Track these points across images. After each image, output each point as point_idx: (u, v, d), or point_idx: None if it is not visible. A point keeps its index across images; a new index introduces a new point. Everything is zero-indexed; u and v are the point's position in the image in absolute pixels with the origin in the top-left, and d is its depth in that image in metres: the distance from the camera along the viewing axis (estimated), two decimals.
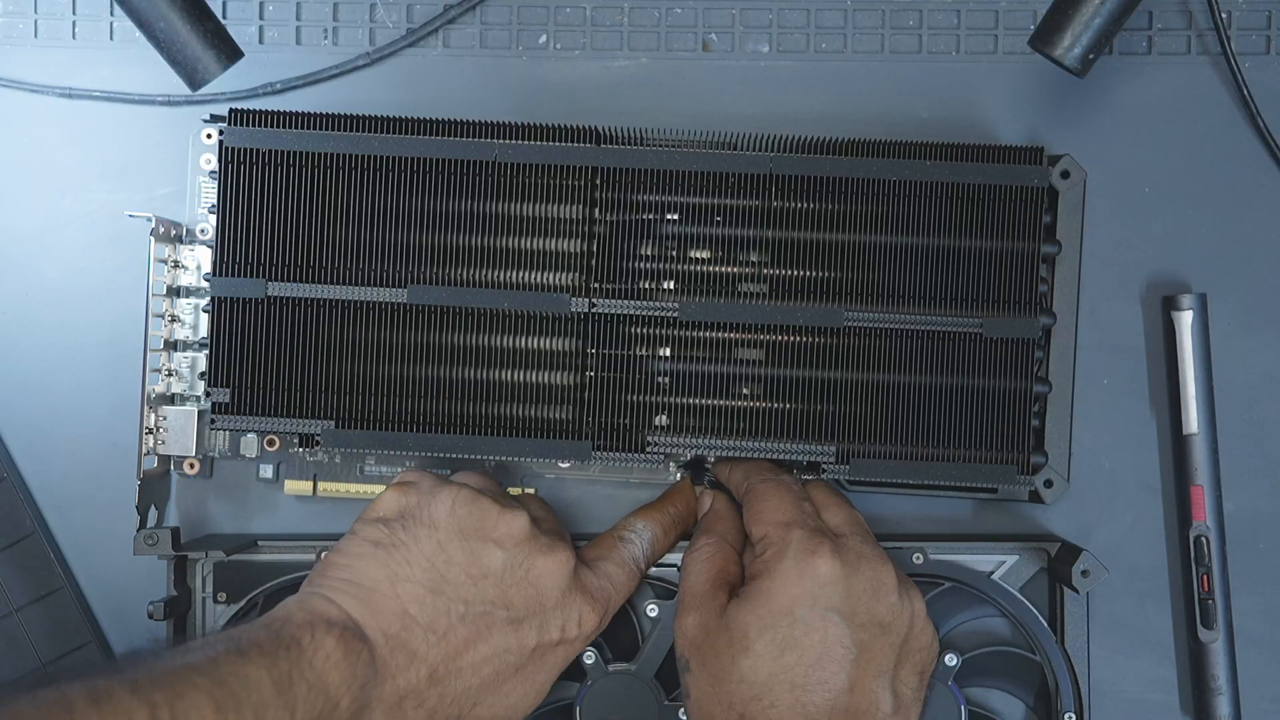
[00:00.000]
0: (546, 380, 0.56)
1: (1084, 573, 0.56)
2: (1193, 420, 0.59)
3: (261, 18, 0.62)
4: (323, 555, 0.53)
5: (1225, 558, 0.60)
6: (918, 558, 0.58)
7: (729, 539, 0.56)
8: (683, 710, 0.56)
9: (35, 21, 0.62)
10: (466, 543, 0.51)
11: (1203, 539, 0.59)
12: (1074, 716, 0.58)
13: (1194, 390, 0.59)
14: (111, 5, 0.62)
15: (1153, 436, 0.61)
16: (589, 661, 0.58)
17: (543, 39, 0.62)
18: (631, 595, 0.57)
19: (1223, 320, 0.61)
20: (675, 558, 0.58)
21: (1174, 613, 0.61)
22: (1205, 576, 0.59)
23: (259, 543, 0.59)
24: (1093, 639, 0.60)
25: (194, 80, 0.54)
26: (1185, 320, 0.59)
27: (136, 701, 0.40)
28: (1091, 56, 0.54)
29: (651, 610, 0.58)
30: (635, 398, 0.56)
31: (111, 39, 0.62)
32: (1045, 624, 0.58)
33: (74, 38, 0.62)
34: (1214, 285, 0.61)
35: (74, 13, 0.62)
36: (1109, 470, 0.61)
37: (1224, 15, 0.60)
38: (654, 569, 0.58)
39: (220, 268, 0.56)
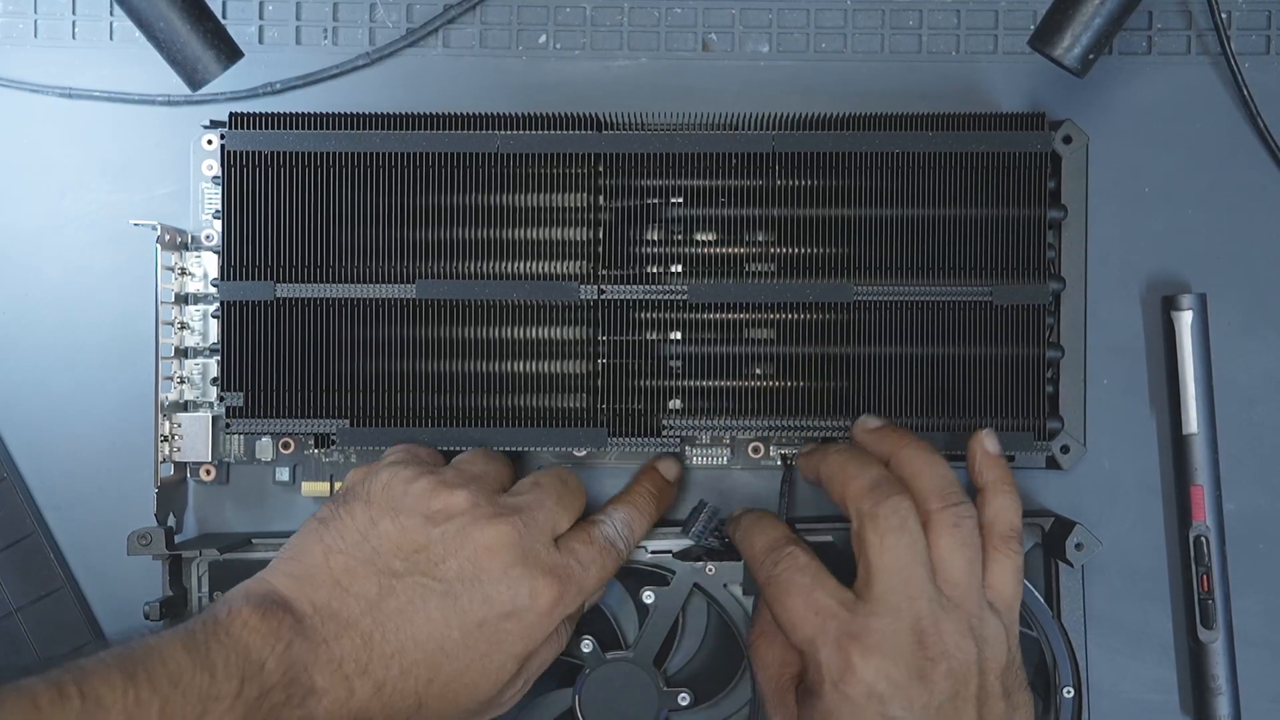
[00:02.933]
0: (559, 369, 0.57)
1: (1078, 546, 0.56)
2: (1193, 420, 0.59)
3: (261, 18, 0.62)
4: None
5: (1225, 558, 0.60)
6: None
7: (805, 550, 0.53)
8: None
9: (35, 21, 0.62)
10: (397, 518, 0.51)
11: (1203, 539, 0.59)
12: (1072, 690, 0.58)
13: (1194, 390, 0.59)
14: (111, 5, 0.62)
15: (1153, 436, 0.61)
16: (586, 650, 0.58)
17: (543, 39, 0.62)
18: (610, 572, 0.55)
19: (1223, 320, 0.61)
20: (670, 544, 0.58)
21: (1174, 613, 0.61)
22: (1205, 576, 0.59)
23: (253, 540, 0.59)
24: (1092, 639, 0.60)
25: (194, 80, 0.54)
26: (1185, 320, 0.59)
27: (42, 684, 0.41)
28: (1091, 57, 0.54)
29: (647, 596, 0.58)
30: (648, 383, 0.57)
31: (111, 39, 0.62)
32: (1041, 599, 0.58)
33: (74, 38, 0.62)
34: (1214, 285, 0.61)
35: (74, 13, 0.62)
36: (1109, 470, 0.61)
37: (1224, 15, 0.60)
38: (649, 556, 0.58)
39: (228, 272, 0.56)
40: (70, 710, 0.41)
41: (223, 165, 0.56)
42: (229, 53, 0.54)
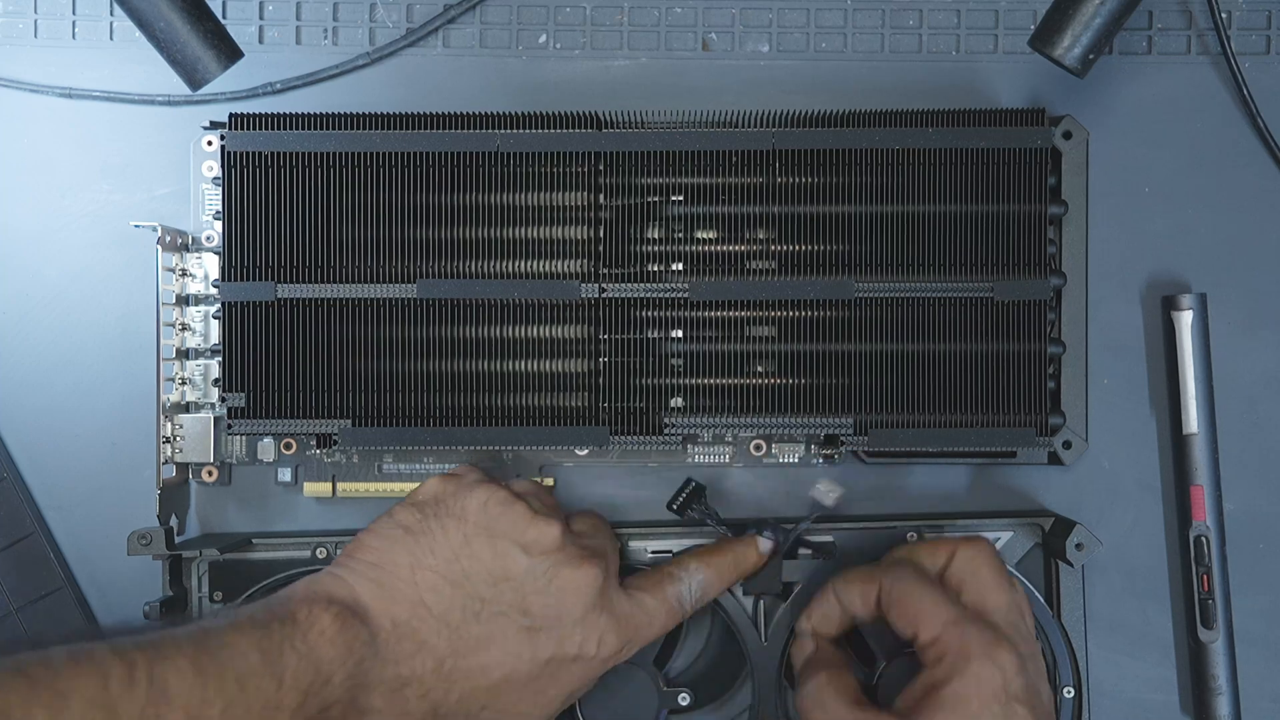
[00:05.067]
0: (560, 368, 0.57)
1: (1078, 546, 0.56)
2: (1193, 420, 0.59)
3: (261, 18, 0.62)
4: (354, 535, 0.52)
5: (1225, 558, 0.60)
6: (912, 536, 0.58)
7: (845, 672, 0.53)
8: None
9: (35, 21, 0.62)
10: (493, 541, 0.51)
11: (1203, 539, 0.59)
12: (1072, 690, 0.58)
13: (1194, 390, 0.59)
14: (111, 5, 0.62)
15: (1153, 436, 0.61)
16: None
17: (543, 39, 0.62)
18: (668, 630, 0.55)
19: (1223, 320, 0.61)
20: (671, 544, 0.58)
21: (1174, 613, 0.61)
22: (1205, 576, 0.59)
23: (253, 540, 0.59)
24: (1092, 639, 0.60)
25: (194, 80, 0.54)
26: (1185, 320, 0.59)
27: (115, 660, 0.41)
28: (1091, 56, 0.54)
29: None
30: (650, 381, 0.57)
31: (111, 39, 0.62)
32: (1041, 599, 0.58)
33: (74, 38, 0.62)
34: (1214, 285, 0.61)
35: (74, 13, 0.62)
36: (1109, 470, 0.61)
37: (1224, 15, 0.60)
38: (650, 556, 0.58)
39: (229, 273, 0.56)
40: (136, 697, 0.40)
41: (223, 166, 0.56)
42: (229, 53, 0.54)
